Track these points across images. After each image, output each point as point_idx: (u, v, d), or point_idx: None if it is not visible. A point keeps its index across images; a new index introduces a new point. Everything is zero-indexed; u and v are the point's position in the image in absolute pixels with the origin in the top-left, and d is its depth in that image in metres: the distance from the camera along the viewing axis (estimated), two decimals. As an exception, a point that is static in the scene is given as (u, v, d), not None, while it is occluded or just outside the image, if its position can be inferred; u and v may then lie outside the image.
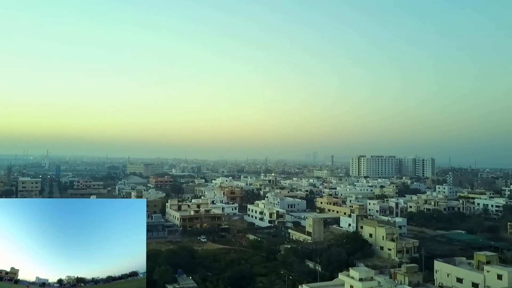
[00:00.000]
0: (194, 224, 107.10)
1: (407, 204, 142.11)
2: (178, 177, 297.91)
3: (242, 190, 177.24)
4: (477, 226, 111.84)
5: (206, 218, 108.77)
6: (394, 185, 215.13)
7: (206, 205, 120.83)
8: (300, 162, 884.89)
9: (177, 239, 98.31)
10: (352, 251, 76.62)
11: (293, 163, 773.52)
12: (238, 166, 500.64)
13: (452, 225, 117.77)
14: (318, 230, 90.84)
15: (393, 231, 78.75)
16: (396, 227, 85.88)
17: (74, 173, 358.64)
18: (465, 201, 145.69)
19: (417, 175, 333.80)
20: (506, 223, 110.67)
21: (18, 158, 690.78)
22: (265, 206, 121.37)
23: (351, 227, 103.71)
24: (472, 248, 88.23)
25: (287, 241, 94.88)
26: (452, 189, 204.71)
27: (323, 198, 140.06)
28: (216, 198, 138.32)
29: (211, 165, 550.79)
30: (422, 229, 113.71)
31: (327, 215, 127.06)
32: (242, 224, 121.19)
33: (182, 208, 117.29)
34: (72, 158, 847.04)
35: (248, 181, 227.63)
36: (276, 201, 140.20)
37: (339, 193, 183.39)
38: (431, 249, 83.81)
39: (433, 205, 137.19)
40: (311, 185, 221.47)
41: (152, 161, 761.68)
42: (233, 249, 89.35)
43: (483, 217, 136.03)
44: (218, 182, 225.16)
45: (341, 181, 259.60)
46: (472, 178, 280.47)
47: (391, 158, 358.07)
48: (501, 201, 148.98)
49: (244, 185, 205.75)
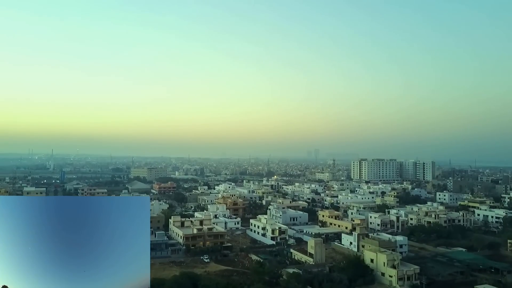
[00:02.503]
0: (197, 243, 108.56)
1: (408, 217, 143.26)
2: (182, 181, 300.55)
3: (245, 199, 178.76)
4: (477, 243, 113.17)
5: (209, 236, 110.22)
6: (395, 192, 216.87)
7: (209, 221, 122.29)
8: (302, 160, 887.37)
9: (180, 259, 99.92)
10: (354, 277, 78.02)
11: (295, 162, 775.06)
12: (240, 167, 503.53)
13: (453, 239, 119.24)
14: (319, 252, 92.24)
15: (394, 257, 79.96)
16: (397, 253, 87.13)
17: (78, 176, 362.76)
18: (465, 213, 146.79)
19: (418, 178, 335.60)
20: (506, 239, 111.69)
21: (23, 158, 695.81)
22: (267, 222, 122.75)
23: (353, 245, 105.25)
24: (472, 270, 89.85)
25: (289, 262, 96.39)
26: (452, 196, 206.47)
27: (325, 212, 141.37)
28: (219, 212, 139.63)
29: (214, 166, 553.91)
30: (422, 245, 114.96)
31: (329, 229, 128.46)
32: (245, 240, 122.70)
33: (185, 224, 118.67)
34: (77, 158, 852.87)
35: (250, 187, 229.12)
36: (279, 214, 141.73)
37: (341, 201, 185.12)
38: (432, 273, 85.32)
39: (434, 217, 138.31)
40: (313, 192, 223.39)
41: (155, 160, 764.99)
42: (236, 271, 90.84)
43: (483, 230, 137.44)
44: (221, 188, 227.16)
45: (342, 186, 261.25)
46: (472, 183, 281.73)
47: (392, 161, 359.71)
48: (501, 213, 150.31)
49: (247, 192, 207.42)
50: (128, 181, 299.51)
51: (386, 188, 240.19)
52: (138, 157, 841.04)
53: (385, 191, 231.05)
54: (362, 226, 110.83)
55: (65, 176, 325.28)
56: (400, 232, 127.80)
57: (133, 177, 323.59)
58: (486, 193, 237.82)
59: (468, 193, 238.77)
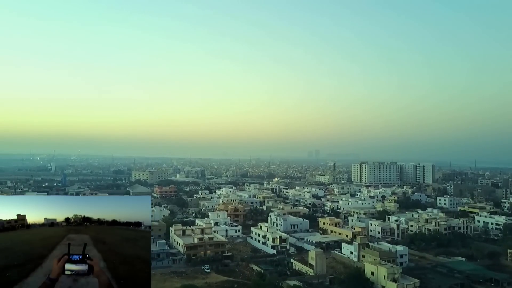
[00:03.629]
0: (198, 252, 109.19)
1: (409, 224, 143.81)
2: (183, 184, 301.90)
3: (246, 205, 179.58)
4: (478, 252, 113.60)
5: (210, 245, 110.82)
6: (395, 197, 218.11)
7: (210, 229, 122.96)
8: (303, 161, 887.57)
9: (181, 269, 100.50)
10: (354, 290, 78.64)
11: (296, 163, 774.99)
12: (241, 169, 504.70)
13: (453, 248, 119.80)
14: (320, 263, 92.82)
15: (395, 271, 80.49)
16: (398, 266, 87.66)
17: (80, 178, 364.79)
18: (465, 220, 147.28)
19: (418, 181, 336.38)
20: (506, 249, 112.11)
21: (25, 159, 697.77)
22: (268, 230, 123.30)
23: (353, 255, 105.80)
24: (472, 282, 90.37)
25: (290, 272, 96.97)
26: (452, 201, 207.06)
27: (326, 219, 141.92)
28: (220, 219, 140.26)
29: (215, 167, 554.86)
30: (423, 254, 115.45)
31: (329, 237, 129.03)
32: (246, 248, 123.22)
33: (186, 233, 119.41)
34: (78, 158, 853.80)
35: (251, 191, 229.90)
36: (279, 221, 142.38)
37: (341, 206, 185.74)
38: (432, 285, 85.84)
39: (434, 225, 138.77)
40: (314, 196, 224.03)
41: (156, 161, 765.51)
42: (237, 282, 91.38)
43: (483, 237, 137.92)
44: (222, 193, 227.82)
45: (343, 190, 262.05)
46: (472, 187, 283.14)
47: (393, 164, 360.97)
48: (501, 219, 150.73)
49: (248, 197, 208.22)
50: (129, 184, 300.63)
51: (387, 192, 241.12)
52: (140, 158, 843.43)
53: (386, 195, 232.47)
54: (362, 236, 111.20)
55: (67, 179, 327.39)
56: (400, 240, 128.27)
57: (134, 180, 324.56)
58: (486, 197, 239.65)
59: (468, 197, 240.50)
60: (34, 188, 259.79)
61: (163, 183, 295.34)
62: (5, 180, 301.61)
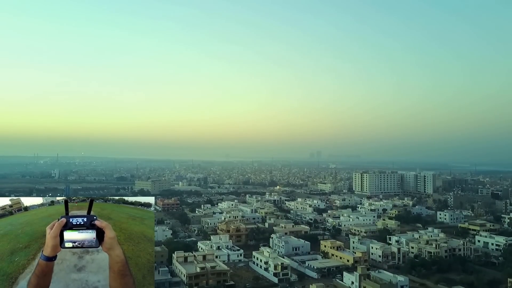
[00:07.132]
0: (200, 282, 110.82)
1: (409, 245, 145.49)
2: (185, 194, 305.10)
3: (248, 222, 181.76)
4: (478, 279, 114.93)
5: (212, 274, 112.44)
6: (396, 211, 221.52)
7: (212, 255, 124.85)
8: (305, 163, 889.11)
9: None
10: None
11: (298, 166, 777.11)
12: (243, 175, 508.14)
13: (453, 273, 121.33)
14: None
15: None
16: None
17: (83, 186, 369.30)
18: (465, 242, 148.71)
19: (419, 191, 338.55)
20: (507, 278, 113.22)
21: (29, 163, 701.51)
22: (270, 255, 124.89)
23: (354, 285, 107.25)
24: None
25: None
26: (453, 216, 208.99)
27: (327, 242, 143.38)
28: (222, 243, 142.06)
29: (217, 173, 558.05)
30: (423, 281, 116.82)
31: (331, 262, 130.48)
32: (248, 274, 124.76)
33: (188, 259, 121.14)
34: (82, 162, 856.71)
35: (253, 205, 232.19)
36: (281, 243, 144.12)
37: (342, 223, 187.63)
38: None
39: (435, 247, 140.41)
40: (315, 210, 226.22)
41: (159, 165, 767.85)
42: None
43: (483, 260, 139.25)
44: (224, 206, 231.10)
45: (344, 202, 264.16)
46: (472, 198, 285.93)
47: (394, 173, 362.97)
48: (501, 240, 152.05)
49: (249, 212, 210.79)
50: (133, 195, 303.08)
51: (387, 205, 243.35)
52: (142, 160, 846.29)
53: (386, 208, 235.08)
54: (363, 266, 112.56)
55: (70, 188, 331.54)
56: (401, 265, 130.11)
57: (137, 190, 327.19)
58: (486, 209, 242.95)
59: (468, 209, 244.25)
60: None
61: (166, 193, 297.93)
62: (8, 190, 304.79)
